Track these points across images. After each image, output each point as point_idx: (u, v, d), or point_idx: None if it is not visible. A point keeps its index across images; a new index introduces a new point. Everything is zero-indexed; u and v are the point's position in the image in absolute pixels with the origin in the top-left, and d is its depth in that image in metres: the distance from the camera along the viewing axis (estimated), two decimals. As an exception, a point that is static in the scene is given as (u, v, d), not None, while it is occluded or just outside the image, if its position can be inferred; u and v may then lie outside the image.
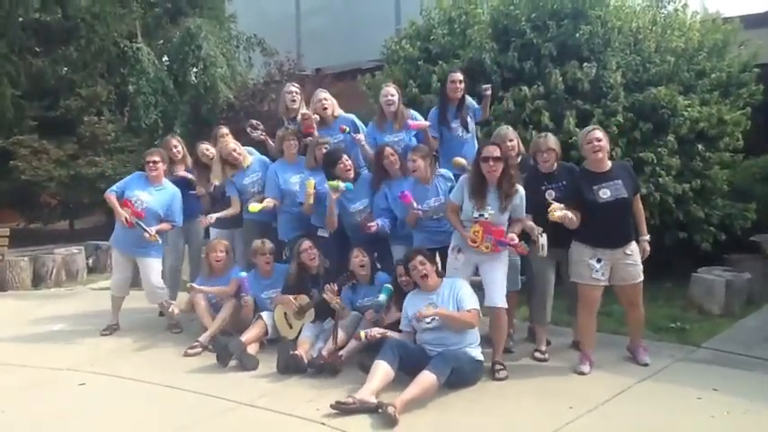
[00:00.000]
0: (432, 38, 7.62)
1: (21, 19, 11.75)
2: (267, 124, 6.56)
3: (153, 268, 5.80)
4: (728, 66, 7.14)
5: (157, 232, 5.63)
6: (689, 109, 6.54)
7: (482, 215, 4.45)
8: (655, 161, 6.28)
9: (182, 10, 13.15)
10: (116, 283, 5.96)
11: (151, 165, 5.74)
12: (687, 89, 6.81)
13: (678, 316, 5.73)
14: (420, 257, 4.46)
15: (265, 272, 5.53)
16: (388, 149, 5.21)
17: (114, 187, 5.80)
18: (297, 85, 6.35)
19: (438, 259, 4.86)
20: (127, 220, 5.56)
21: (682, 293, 6.13)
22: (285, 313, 5.21)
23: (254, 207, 5.49)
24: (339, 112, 5.87)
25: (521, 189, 4.58)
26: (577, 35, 6.63)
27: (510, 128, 5.24)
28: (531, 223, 4.58)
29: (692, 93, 6.77)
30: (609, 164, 4.58)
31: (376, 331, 4.55)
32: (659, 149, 6.39)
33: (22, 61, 11.50)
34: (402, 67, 7.65)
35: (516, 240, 4.46)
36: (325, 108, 5.81)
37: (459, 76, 5.49)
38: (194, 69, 11.99)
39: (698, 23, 7.34)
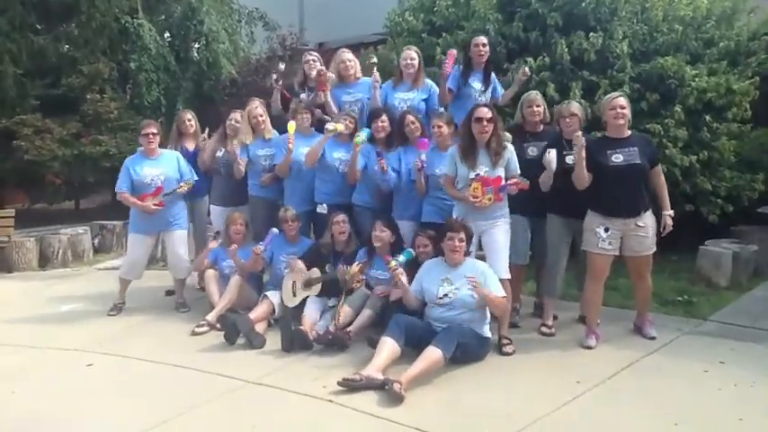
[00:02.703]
0: (435, 10, 7.53)
1: (21, -4, 11.64)
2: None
3: (181, 240, 5.87)
4: (737, 34, 7.01)
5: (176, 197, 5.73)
6: (696, 79, 6.45)
7: (478, 174, 4.49)
8: (662, 132, 6.21)
9: (183, -16, 13.00)
10: (132, 266, 5.91)
11: (150, 137, 5.72)
12: (695, 59, 6.71)
13: (685, 289, 5.73)
14: (462, 234, 4.39)
15: (290, 237, 5.50)
16: (410, 117, 5.21)
17: (122, 185, 5.71)
18: (315, 53, 6.29)
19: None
20: (156, 205, 5.59)
21: (689, 266, 6.12)
22: (294, 282, 5.21)
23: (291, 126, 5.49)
24: (375, 77, 5.75)
25: (510, 146, 4.65)
26: (583, 4, 6.54)
27: (539, 93, 5.23)
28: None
29: (699, 62, 6.68)
30: (628, 132, 4.59)
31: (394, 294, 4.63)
32: (666, 120, 6.32)
33: (24, 39, 11.38)
34: (405, 40, 7.54)
35: (515, 179, 4.48)
36: (348, 69, 5.80)
37: (483, 39, 5.55)
38: (196, 45, 11.89)
39: (706, -9, 7.21)
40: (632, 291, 5.00)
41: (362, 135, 5.19)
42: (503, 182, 4.49)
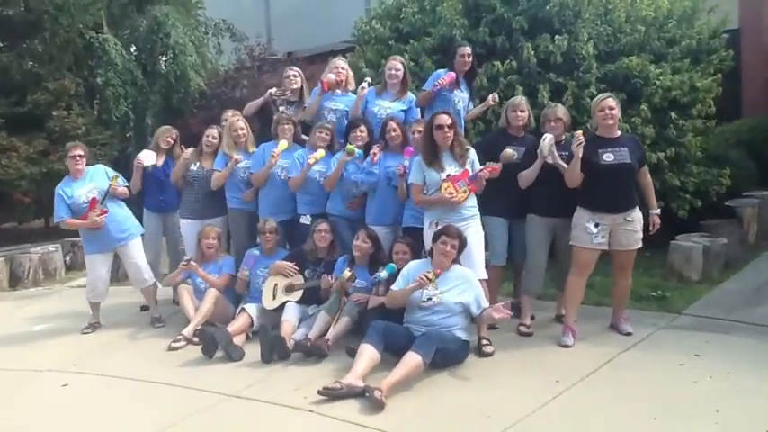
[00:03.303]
0: (402, 17, 7.56)
1: (-19, 14, 11.48)
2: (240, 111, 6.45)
3: (136, 250, 5.77)
4: (698, 33, 7.17)
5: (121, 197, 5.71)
6: (661, 78, 6.58)
7: (448, 174, 4.55)
8: (629, 131, 6.29)
9: (148, -3, 12.90)
10: (96, 289, 5.79)
11: (77, 158, 5.65)
12: (658, 58, 6.85)
13: (658, 284, 5.81)
14: (457, 242, 4.39)
15: (266, 249, 5.48)
16: (393, 124, 5.23)
17: (61, 213, 5.59)
18: (296, 68, 6.29)
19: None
20: (99, 215, 5.48)
21: (661, 262, 6.21)
22: (275, 285, 5.19)
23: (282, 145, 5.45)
24: (363, 84, 5.74)
25: (472, 149, 4.74)
26: (548, 8, 6.63)
27: (524, 98, 5.29)
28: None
29: (663, 61, 6.82)
30: (618, 133, 4.70)
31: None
32: (633, 119, 6.43)
33: (-14, 57, 11.22)
34: (373, 48, 7.60)
35: (485, 166, 4.55)
36: (340, 75, 5.78)
37: (468, 50, 5.60)
38: (163, 58, 11.81)
39: (667, -9, 7.35)
40: (609, 288, 5.07)
41: (355, 150, 5.18)
42: (470, 173, 4.55)
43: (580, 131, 4.59)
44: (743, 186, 7.60)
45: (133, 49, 12.28)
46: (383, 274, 4.69)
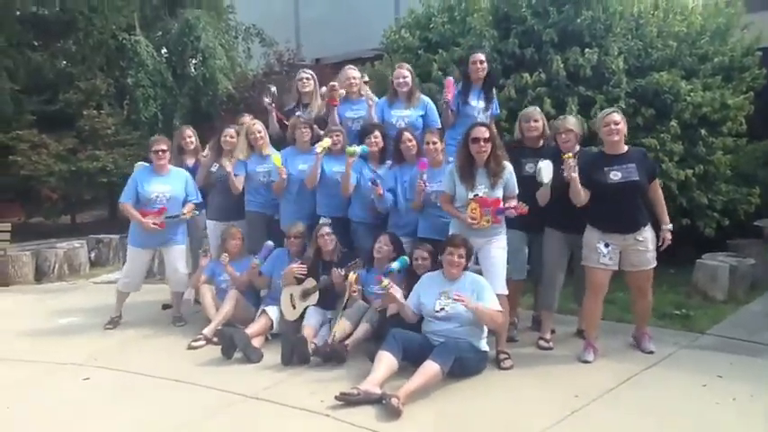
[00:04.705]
0: (431, 26, 7.57)
1: (18, 13, 11.70)
2: (267, 116, 6.50)
3: (179, 255, 5.87)
4: (731, 50, 7.07)
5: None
6: (691, 94, 6.50)
7: (476, 194, 4.48)
8: (657, 147, 6.25)
9: (180, 1, 13.06)
10: (131, 280, 5.90)
11: (160, 153, 5.72)
12: (689, 74, 6.76)
13: (682, 302, 5.73)
14: (462, 250, 4.39)
15: (293, 253, 5.47)
16: (407, 134, 5.23)
17: (127, 195, 5.70)
18: (309, 71, 6.31)
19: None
20: (156, 225, 5.58)
21: (686, 280, 6.12)
22: (291, 295, 5.22)
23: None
24: (366, 91, 5.80)
25: (508, 165, 4.61)
26: (579, 21, 6.58)
27: (537, 108, 5.22)
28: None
29: (694, 77, 6.73)
30: (625, 148, 4.57)
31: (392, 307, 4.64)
32: (662, 135, 6.36)
33: (21, 55, 11.45)
34: (402, 57, 7.59)
35: (514, 203, 4.48)
36: (353, 86, 5.80)
37: (481, 56, 5.49)
38: (193, 61, 11.96)
39: (700, 7, 7.28)
40: (630, 305, 5.00)
41: (357, 148, 5.22)
42: (501, 204, 4.48)
43: (569, 155, 4.44)
44: (772, 206, 7.47)
45: (164, 51, 12.44)
46: (395, 265, 4.68)
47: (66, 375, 4.76)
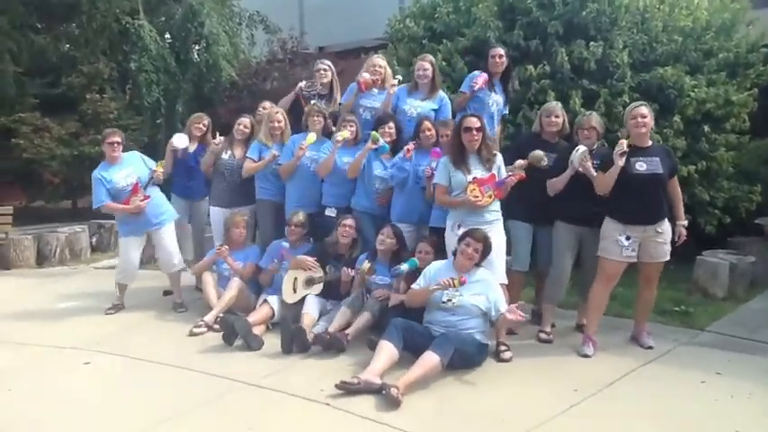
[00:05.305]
0: (436, 16, 7.54)
1: (21, -6, 11.66)
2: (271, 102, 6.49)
3: (169, 235, 5.87)
4: (736, 46, 7.07)
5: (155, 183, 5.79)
6: (695, 89, 6.50)
7: (474, 176, 4.54)
8: (660, 142, 6.21)
9: (184, -14, 13.03)
10: (127, 271, 5.90)
11: (115, 145, 5.74)
12: (694, 69, 6.76)
13: (682, 299, 5.74)
14: (481, 246, 4.39)
15: (292, 242, 5.50)
16: (428, 123, 5.25)
17: (101, 197, 5.68)
18: (327, 61, 6.30)
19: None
20: (142, 201, 5.60)
21: (686, 276, 6.12)
22: (295, 278, 5.23)
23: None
24: (393, 82, 5.72)
25: (499, 154, 4.72)
26: (584, 13, 6.57)
27: (559, 104, 5.23)
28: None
29: (698, 73, 6.73)
30: (650, 142, 4.62)
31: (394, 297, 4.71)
32: (665, 130, 6.36)
33: (24, 38, 11.39)
34: (406, 46, 7.59)
35: (512, 173, 4.56)
36: (377, 74, 5.76)
37: (501, 51, 5.52)
38: (196, 47, 11.92)
39: (705, 2, 7.24)
40: (632, 300, 5.02)
41: (381, 140, 5.22)
42: (497, 178, 4.54)
43: (625, 140, 4.49)
44: (773, 204, 7.47)
45: (167, 36, 12.40)
46: (404, 267, 4.70)
47: (66, 359, 4.78)
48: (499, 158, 4.69)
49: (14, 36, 11.15)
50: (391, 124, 5.37)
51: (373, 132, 5.23)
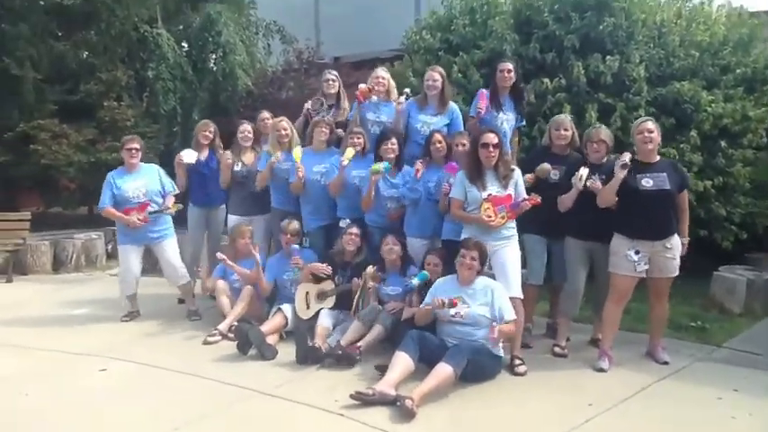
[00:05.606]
0: (452, 28, 7.58)
1: (42, 2, 11.79)
2: (285, 113, 6.52)
3: (171, 249, 5.89)
4: (754, 61, 7.05)
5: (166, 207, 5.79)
6: (712, 104, 6.48)
7: (489, 194, 4.53)
8: (677, 157, 6.21)
9: (202, -5, 13.15)
10: (126, 280, 5.90)
11: (133, 152, 5.79)
12: (711, 84, 6.74)
13: (698, 315, 5.70)
14: (476, 253, 4.40)
15: (286, 252, 5.53)
16: (438, 136, 5.21)
17: (105, 200, 5.72)
18: (334, 72, 6.32)
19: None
20: (141, 220, 5.63)
21: (702, 292, 6.09)
22: (307, 293, 5.25)
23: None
24: (400, 99, 5.70)
25: (517, 169, 4.71)
26: (601, 27, 6.58)
27: (568, 117, 5.20)
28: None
29: (715, 88, 6.71)
30: (658, 157, 4.60)
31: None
32: (681, 145, 6.34)
33: (44, 45, 11.52)
34: (422, 58, 7.62)
35: (527, 196, 4.54)
36: (381, 84, 5.71)
37: (509, 65, 5.35)
38: (213, 56, 11.98)
39: (723, 17, 7.26)
40: (646, 315, 4.99)
41: (380, 166, 5.14)
42: (513, 199, 4.53)
43: (628, 154, 4.50)
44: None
45: (185, 45, 12.49)
46: (415, 282, 4.71)
47: (83, 365, 4.81)
48: (517, 173, 4.67)
49: (35, 43, 11.29)
50: (393, 140, 5.30)
51: (373, 167, 5.15)
